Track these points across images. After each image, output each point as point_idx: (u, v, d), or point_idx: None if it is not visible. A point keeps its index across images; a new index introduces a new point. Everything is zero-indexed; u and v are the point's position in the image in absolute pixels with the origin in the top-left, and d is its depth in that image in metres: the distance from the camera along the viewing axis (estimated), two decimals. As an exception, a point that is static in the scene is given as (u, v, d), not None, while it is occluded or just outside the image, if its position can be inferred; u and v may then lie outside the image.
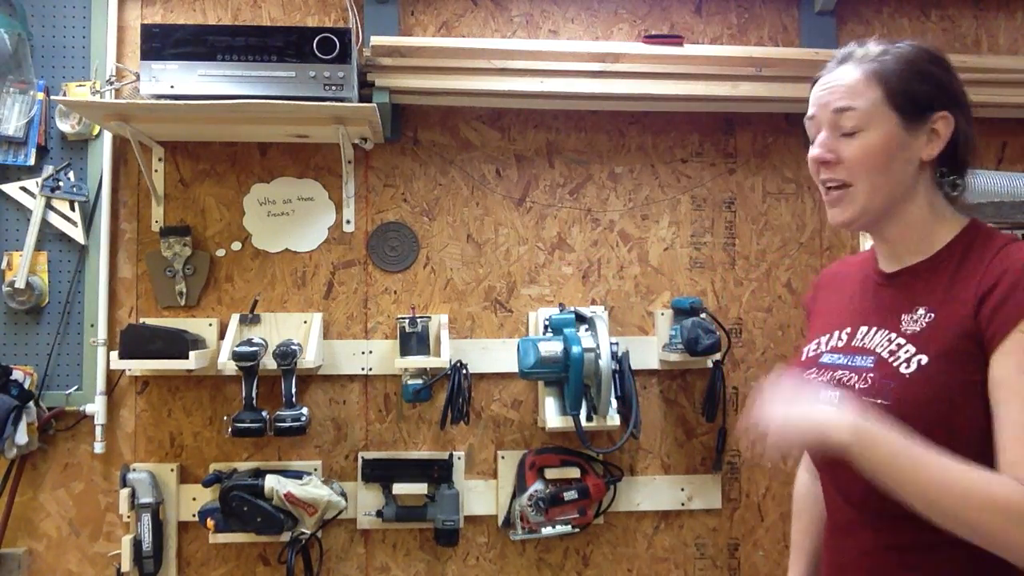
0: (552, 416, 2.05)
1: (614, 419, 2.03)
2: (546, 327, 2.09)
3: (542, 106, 2.23)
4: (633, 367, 2.12)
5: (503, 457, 2.18)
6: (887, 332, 1.05)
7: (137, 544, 2.02)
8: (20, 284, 2.06)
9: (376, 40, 2.07)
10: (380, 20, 2.17)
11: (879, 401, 0.99)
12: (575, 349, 1.93)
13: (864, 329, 1.09)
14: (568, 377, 1.94)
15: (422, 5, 2.24)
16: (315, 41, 1.96)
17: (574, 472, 2.12)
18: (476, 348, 2.18)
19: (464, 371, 2.07)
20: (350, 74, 1.96)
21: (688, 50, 2.15)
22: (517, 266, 2.24)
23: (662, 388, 2.25)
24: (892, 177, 1.04)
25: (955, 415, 0.96)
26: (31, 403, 2.04)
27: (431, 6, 2.25)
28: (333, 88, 1.96)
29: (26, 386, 2.04)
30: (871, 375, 1.02)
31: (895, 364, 1.01)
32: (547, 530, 2.07)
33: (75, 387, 2.11)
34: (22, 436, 2.00)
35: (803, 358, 1.18)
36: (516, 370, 2.00)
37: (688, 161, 2.29)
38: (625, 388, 2.08)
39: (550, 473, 2.11)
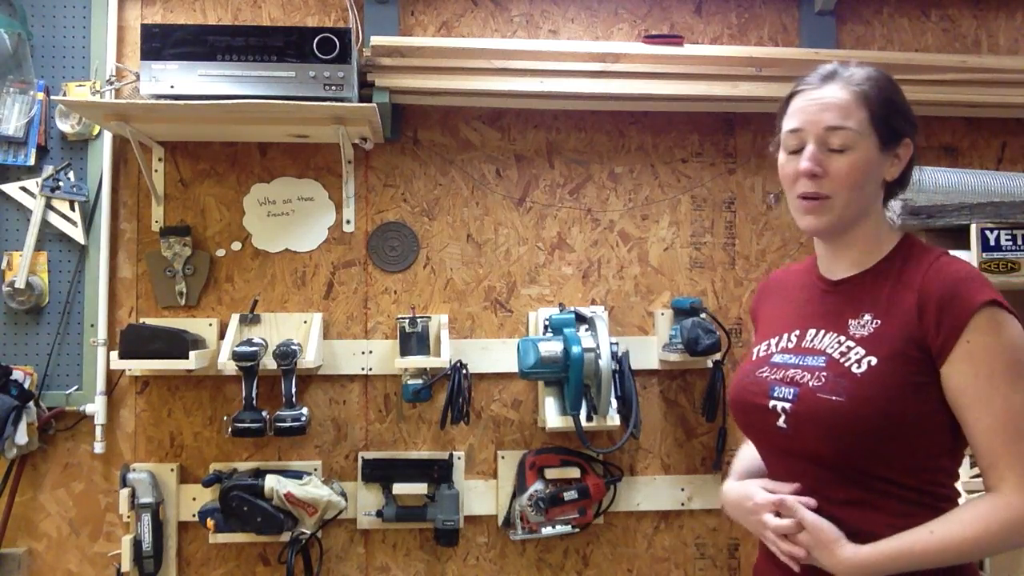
0: (552, 416, 2.05)
1: (614, 419, 2.03)
2: (546, 327, 2.09)
3: (542, 106, 2.23)
4: (633, 367, 2.12)
5: (503, 457, 2.18)
6: (836, 335, 1.15)
7: (137, 544, 2.02)
8: (20, 284, 2.06)
9: (376, 40, 2.07)
10: (380, 20, 2.17)
11: (834, 398, 1.08)
12: (575, 349, 1.93)
13: (813, 332, 1.19)
14: (568, 377, 1.94)
15: (422, 5, 2.25)
16: (315, 41, 1.96)
17: (574, 472, 2.12)
18: (476, 348, 2.18)
19: (464, 371, 2.07)
20: (350, 74, 1.96)
21: (688, 50, 2.15)
22: (517, 266, 2.24)
23: (662, 388, 2.25)
24: (864, 194, 1.14)
25: (901, 411, 1.06)
26: (31, 403, 2.04)
27: (431, 6, 2.25)
28: (333, 88, 1.96)
29: (26, 386, 2.04)
30: (824, 374, 1.11)
31: (847, 364, 1.10)
32: (547, 530, 2.07)
33: (75, 387, 2.11)
34: (22, 436, 2.00)
35: (754, 358, 1.26)
36: (516, 370, 2.00)
37: (688, 161, 2.29)
38: (625, 388, 2.08)
39: (550, 473, 2.11)
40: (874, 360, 1.08)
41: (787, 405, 1.13)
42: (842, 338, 1.13)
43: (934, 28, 2.38)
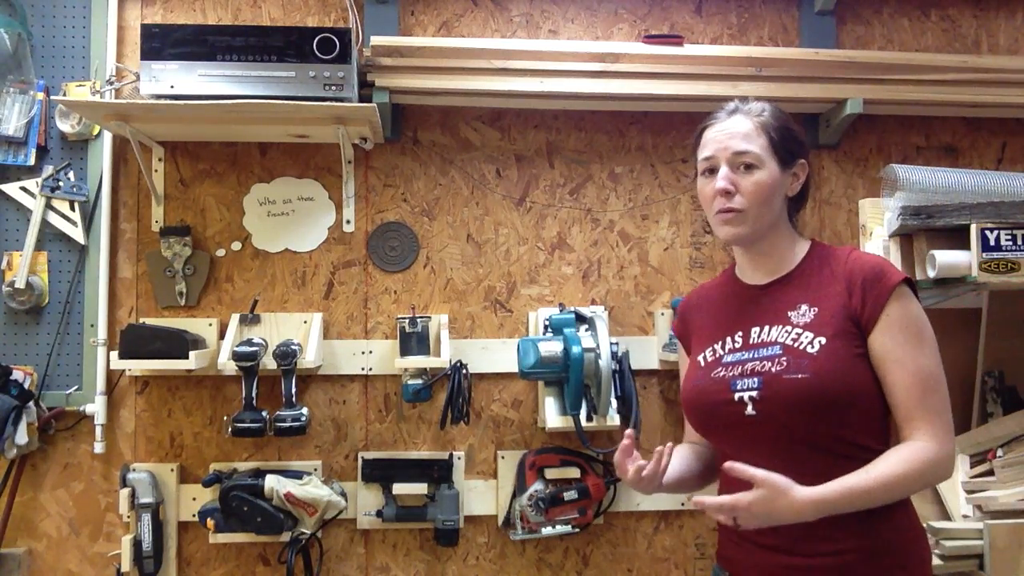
0: (552, 416, 2.05)
1: (614, 419, 2.03)
2: (546, 327, 2.09)
3: (542, 106, 2.23)
4: (633, 367, 2.12)
5: (503, 457, 2.18)
6: (781, 326, 1.31)
7: (137, 544, 2.02)
8: (20, 284, 2.06)
9: (376, 40, 2.07)
10: (380, 20, 2.17)
11: (799, 376, 1.25)
12: (575, 349, 1.93)
13: (756, 329, 1.35)
14: (568, 377, 1.94)
15: (422, 5, 2.25)
16: (315, 41, 1.96)
17: (574, 472, 2.12)
18: (476, 348, 2.18)
19: (464, 371, 2.07)
20: (350, 74, 1.96)
21: (688, 50, 2.15)
22: (517, 266, 2.24)
23: (662, 388, 2.25)
24: (772, 207, 1.34)
25: (854, 379, 1.25)
26: (31, 403, 2.04)
27: (431, 6, 2.25)
28: (333, 88, 1.96)
29: (26, 386, 2.04)
30: (784, 359, 1.28)
31: (801, 347, 1.27)
32: (547, 530, 2.07)
33: (75, 387, 2.11)
34: (22, 436, 2.00)
35: (703, 364, 1.40)
36: (516, 370, 2.00)
37: (688, 161, 2.29)
38: (625, 388, 2.08)
39: (550, 473, 2.11)
40: (824, 340, 1.26)
41: (754, 393, 1.29)
42: (788, 328, 1.30)
43: (934, 28, 2.38)
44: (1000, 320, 2.18)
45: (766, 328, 1.33)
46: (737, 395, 1.30)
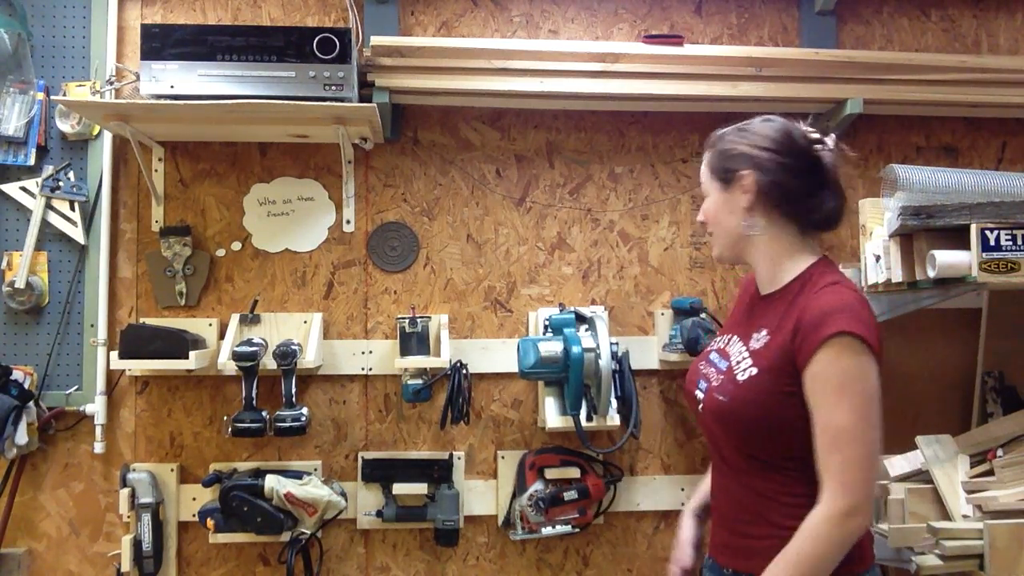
0: (552, 416, 2.05)
1: (614, 419, 2.03)
2: (546, 327, 2.09)
3: (542, 106, 2.23)
4: (633, 367, 2.12)
5: (503, 457, 2.18)
6: (741, 344, 1.40)
7: (137, 544, 2.02)
8: (20, 284, 2.06)
9: (376, 40, 2.07)
10: (380, 20, 2.17)
11: (721, 397, 1.35)
12: (575, 349, 1.93)
13: (735, 338, 1.44)
14: (568, 377, 1.94)
15: (422, 5, 2.25)
16: (315, 41, 1.96)
17: (574, 472, 2.12)
18: (476, 348, 2.18)
19: (464, 371, 2.07)
20: (350, 74, 1.96)
21: (688, 50, 2.15)
22: (517, 266, 2.24)
23: (662, 388, 2.25)
24: (726, 227, 1.42)
25: (768, 414, 1.31)
26: (31, 403, 2.04)
27: (431, 6, 2.25)
28: (333, 88, 1.96)
29: (26, 386, 2.04)
30: (721, 376, 1.39)
31: (735, 372, 1.36)
32: (547, 530, 2.07)
33: (75, 387, 2.11)
34: (22, 436, 2.00)
35: (705, 350, 1.53)
36: (516, 370, 2.00)
37: (688, 161, 2.29)
38: (625, 388, 2.08)
39: (550, 473, 2.11)
40: (755, 371, 1.33)
41: (701, 395, 1.42)
42: (743, 347, 1.39)
43: (934, 28, 2.38)
44: (1000, 320, 2.18)
45: (734, 341, 1.43)
46: (696, 392, 1.45)
